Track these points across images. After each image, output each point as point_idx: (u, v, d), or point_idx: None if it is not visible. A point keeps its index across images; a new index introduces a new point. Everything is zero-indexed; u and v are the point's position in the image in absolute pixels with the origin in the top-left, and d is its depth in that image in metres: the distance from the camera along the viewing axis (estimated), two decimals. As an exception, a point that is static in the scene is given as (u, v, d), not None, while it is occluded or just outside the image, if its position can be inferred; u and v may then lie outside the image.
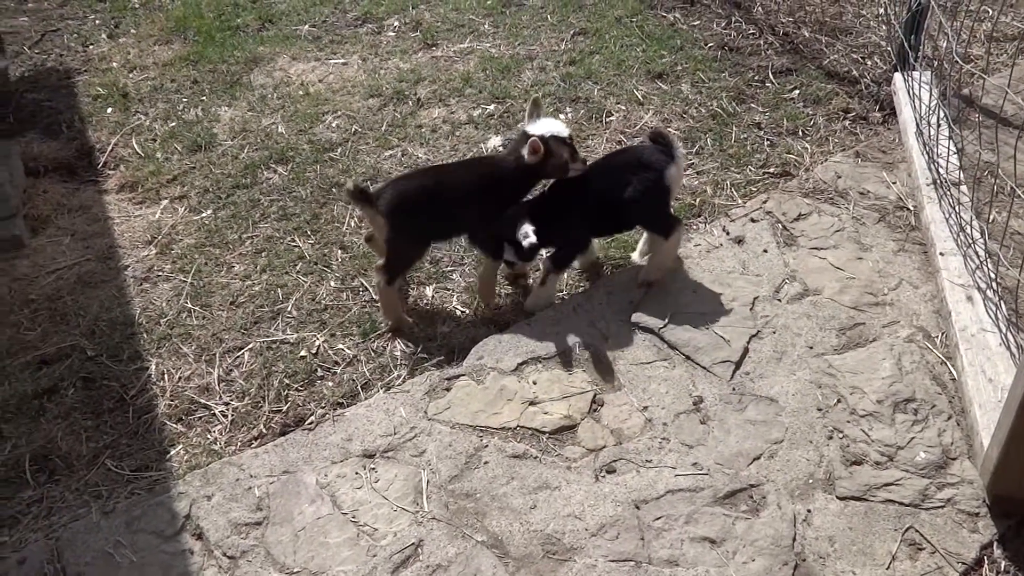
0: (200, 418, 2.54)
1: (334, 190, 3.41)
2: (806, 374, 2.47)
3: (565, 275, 2.89)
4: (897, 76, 3.69)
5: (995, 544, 2.04)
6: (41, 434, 2.48)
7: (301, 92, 4.05)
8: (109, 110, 3.97)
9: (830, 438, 2.29)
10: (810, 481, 2.19)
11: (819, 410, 2.37)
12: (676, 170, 2.69)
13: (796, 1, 4.55)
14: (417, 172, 3.05)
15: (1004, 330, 2.40)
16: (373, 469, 2.29)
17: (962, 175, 3.03)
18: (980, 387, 2.27)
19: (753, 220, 3.05)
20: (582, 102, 3.85)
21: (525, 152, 2.60)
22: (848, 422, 2.32)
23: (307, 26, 4.64)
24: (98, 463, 2.41)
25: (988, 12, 4.26)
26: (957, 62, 2.98)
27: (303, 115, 3.87)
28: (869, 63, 4.01)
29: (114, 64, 4.34)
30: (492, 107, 3.85)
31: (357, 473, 2.28)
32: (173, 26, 4.64)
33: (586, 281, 2.91)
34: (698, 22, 4.48)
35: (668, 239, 2.72)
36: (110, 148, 3.71)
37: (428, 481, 2.25)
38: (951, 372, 2.44)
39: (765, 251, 2.91)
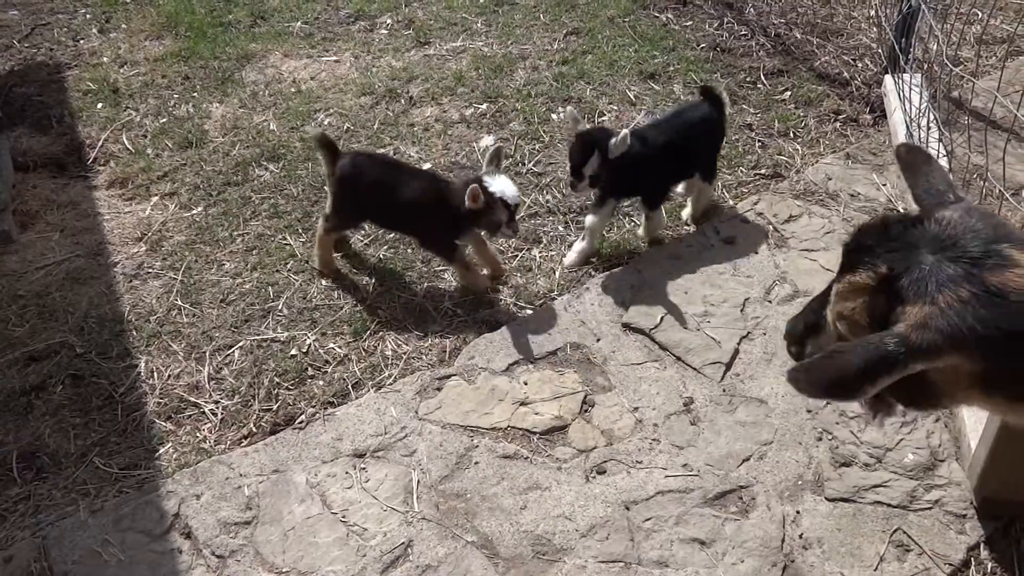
0: (190, 416, 2.53)
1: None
2: (796, 375, 2.48)
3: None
4: (887, 78, 3.71)
5: (982, 546, 2.05)
6: (29, 431, 2.47)
7: (293, 89, 4.04)
8: (99, 105, 3.94)
9: (819, 439, 2.30)
10: (799, 482, 2.20)
11: (808, 412, 2.38)
12: (724, 122, 3.09)
13: (788, 3, 4.56)
14: (382, 157, 3.16)
15: (992, 333, 2.42)
16: (363, 469, 2.29)
17: (952, 178, 3.04)
18: (968, 389, 2.29)
19: (744, 221, 3.06)
20: (574, 102, 3.85)
21: (467, 198, 2.63)
22: (837, 424, 2.34)
23: (299, 23, 4.62)
24: (86, 461, 2.39)
25: (978, 15, 4.28)
26: (947, 65, 2.99)
27: (295, 112, 3.85)
28: (860, 65, 4.03)
29: (105, 59, 4.31)
30: (484, 106, 3.85)
31: (347, 473, 2.28)
32: (164, 22, 4.62)
33: (577, 283, 2.91)
34: (690, 23, 4.49)
35: (712, 182, 3.11)
36: (100, 144, 3.68)
37: (418, 481, 2.25)
38: (939, 374, 2.45)
39: (756, 252, 2.92)
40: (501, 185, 2.68)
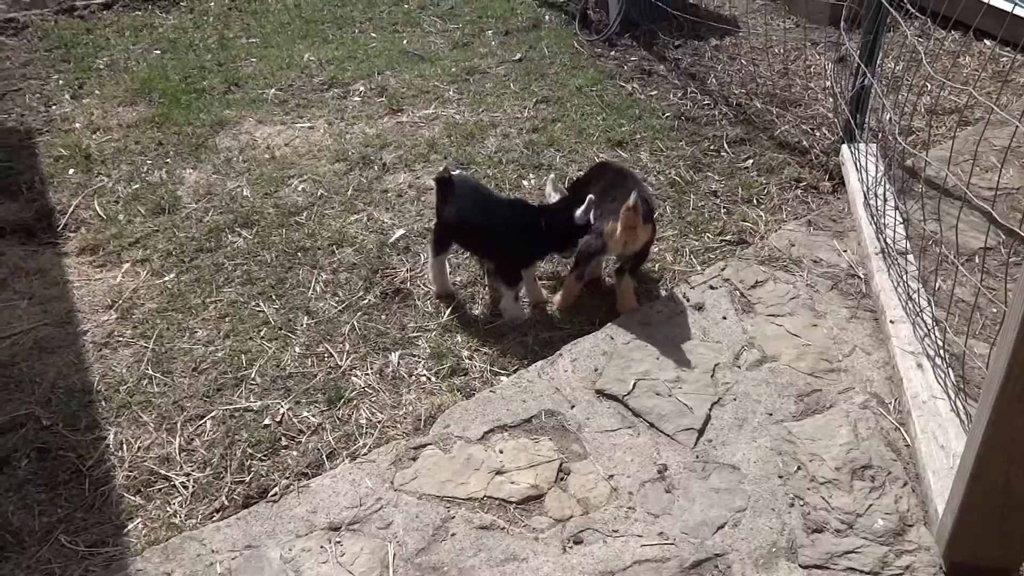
0: (160, 490, 2.49)
1: (299, 254, 3.42)
2: (767, 441, 2.52)
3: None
4: (844, 148, 3.86)
5: (952, 611, 2.08)
6: (-8, 509, 2.41)
7: (267, 155, 4.08)
8: (71, 171, 3.95)
9: (791, 506, 2.33)
10: (773, 550, 2.22)
11: (780, 477, 2.41)
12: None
13: (747, 73, 4.76)
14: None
15: (953, 397, 2.49)
16: (339, 542, 2.26)
17: (908, 244, 3.17)
18: (933, 453, 2.35)
19: (712, 287, 3.14)
20: (545, 168, 3.94)
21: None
22: (808, 489, 2.37)
23: (273, 90, 4.70)
24: (51, 539, 2.33)
25: (927, 86, 4.50)
26: (896, 139, 3.14)
27: (269, 178, 3.89)
28: (818, 134, 4.19)
29: (77, 125, 4.33)
30: (458, 173, 3.91)
31: (322, 547, 2.25)
32: (138, 88, 4.66)
33: (551, 349, 2.94)
34: (655, 92, 4.65)
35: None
36: (71, 210, 3.68)
37: (395, 554, 2.23)
38: (905, 438, 2.51)
39: (724, 318, 2.99)
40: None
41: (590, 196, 2.93)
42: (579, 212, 2.89)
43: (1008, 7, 4.02)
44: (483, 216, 3.05)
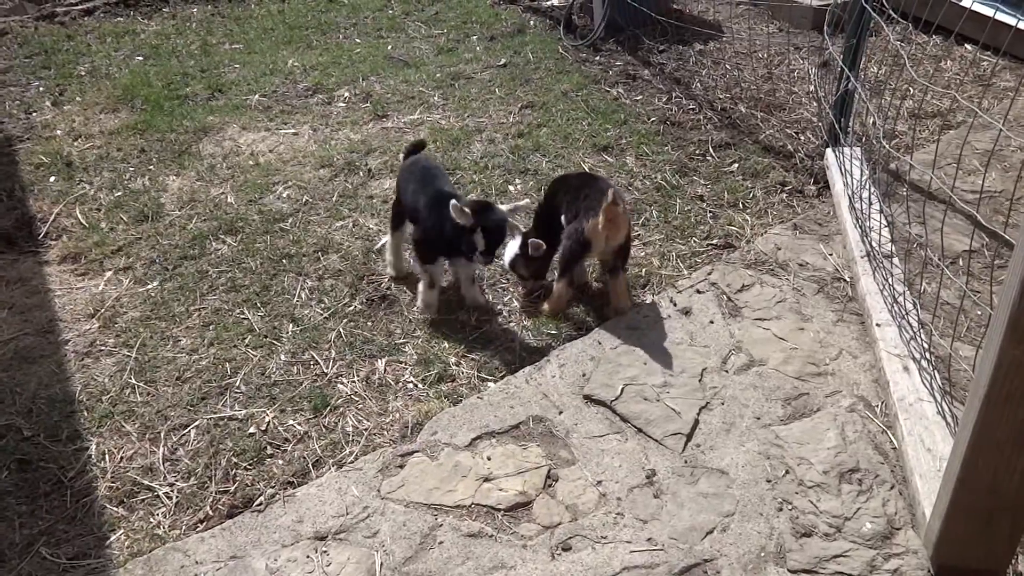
0: (143, 500, 2.45)
1: (284, 261, 3.39)
2: (755, 445, 2.52)
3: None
4: (829, 151, 3.88)
5: (941, 613, 2.08)
6: (-29, 522, 2.37)
7: (251, 162, 4.06)
8: (52, 179, 3.90)
9: (780, 510, 2.33)
10: (762, 554, 2.22)
11: (768, 482, 2.41)
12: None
13: (732, 78, 4.78)
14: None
15: (939, 400, 2.50)
16: (325, 552, 2.24)
17: (893, 248, 3.18)
18: (920, 456, 2.35)
19: (699, 291, 3.14)
20: (531, 174, 3.94)
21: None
22: (796, 493, 2.37)
23: (257, 96, 4.67)
24: (32, 551, 2.30)
25: (910, 90, 4.53)
26: (881, 142, 3.16)
27: (253, 185, 3.86)
28: (802, 138, 4.21)
29: (58, 132, 4.29)
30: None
31: (308, 557, 2.22)
32: (120, 94, 4.62)
33: (538, 355, 2.93)
34: (640, 97, 4.66)
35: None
36: (52, 218, 3.64)
37: (382, 563, 2.21)
38: (892, 441, 2.52)
39: (711, 322, 2.99)
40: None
41: (450, 203, 2.77)
42: (452, 214, 2.76)
43: (989, 12, 4.05)
44: (413, 196, 3.06)
